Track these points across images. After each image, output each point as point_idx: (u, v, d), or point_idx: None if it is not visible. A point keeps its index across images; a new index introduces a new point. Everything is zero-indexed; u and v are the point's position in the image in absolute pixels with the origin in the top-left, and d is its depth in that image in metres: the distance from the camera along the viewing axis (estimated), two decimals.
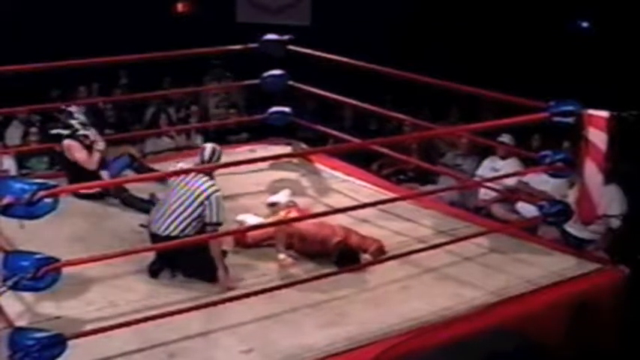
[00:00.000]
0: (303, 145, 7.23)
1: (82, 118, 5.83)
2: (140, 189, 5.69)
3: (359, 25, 10.70)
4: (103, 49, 6.23)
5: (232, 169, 5.07)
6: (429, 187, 7.24)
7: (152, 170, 6.00)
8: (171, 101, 9.93)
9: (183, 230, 4.52)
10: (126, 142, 7.57)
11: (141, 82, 5.66)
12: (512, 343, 4.28)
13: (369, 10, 10.92)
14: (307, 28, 11.22)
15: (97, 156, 5.74)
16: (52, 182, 3.60)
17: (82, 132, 5.75)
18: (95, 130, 5.90)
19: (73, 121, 5.76)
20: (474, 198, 6.84)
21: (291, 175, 6.49)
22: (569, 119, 4.76)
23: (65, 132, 5.77)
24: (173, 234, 4.50)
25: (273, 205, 5.22)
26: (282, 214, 5.03)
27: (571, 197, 5.29)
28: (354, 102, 6.91)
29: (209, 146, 4.89)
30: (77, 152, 5.70)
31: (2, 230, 4.47)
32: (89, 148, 5.75)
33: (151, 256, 4.59)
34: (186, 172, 4.67)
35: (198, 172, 4.63)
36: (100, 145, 5.80)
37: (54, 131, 5.83)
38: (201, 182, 4.57)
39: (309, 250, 4.92)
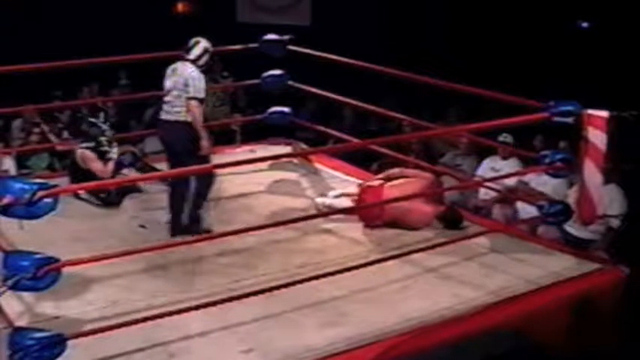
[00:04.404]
0: (303, 145, 7.23)
1: (108, 131, 5.91)
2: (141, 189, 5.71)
3: (359, 25, 10.70)
4: (103, 49, 6.23)
5: (232, 169, 5.09)
6: None
7: (156, 170, 6.00)
8: None
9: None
10: (126, 142, 7.57)
11: (141, 82, 5.66)
12: (512, 343, 4.28)
13: (369, 10, 10.93)
14: (307, 28, 11.23)
15: (111, 165, 5.80)
16: (52, 182, 3.60)
17: (105, 148, 5.83)
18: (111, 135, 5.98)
19: (102, 138, 5.84)
20: (473, 198, 6.84)
21: (291, 175, 6.49)
22: (569, 119, 4.76)
23: (90, 144, 5.82)
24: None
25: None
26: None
27: (571, 197, 5.29)
28: (354, 102, 6.92)
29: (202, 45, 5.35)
30: (93, 162, 5.78)
31: (2, 230, 4.47)
32: (104, 157, 5.81)
33: (151, 256, 4.60)
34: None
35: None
36: (114, 152, 5.86)
37: (84, 145, 5.84)
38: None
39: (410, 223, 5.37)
